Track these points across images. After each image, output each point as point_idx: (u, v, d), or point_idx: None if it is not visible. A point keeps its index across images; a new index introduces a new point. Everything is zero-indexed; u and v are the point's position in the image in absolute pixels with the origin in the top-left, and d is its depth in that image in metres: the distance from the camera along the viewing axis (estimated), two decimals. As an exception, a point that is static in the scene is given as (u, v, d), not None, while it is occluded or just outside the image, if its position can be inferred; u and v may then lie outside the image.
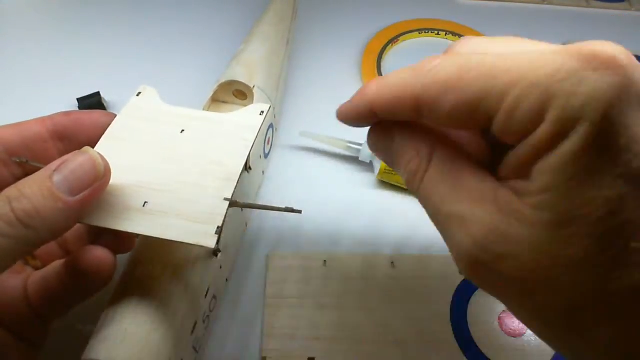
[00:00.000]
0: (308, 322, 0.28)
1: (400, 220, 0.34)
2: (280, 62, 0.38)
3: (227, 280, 0.28)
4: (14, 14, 0.49)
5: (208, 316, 0.25)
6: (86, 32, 0.47)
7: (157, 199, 0.21)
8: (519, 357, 0.28)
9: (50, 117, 0.24)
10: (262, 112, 0.26)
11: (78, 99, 0.39)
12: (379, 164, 0.34)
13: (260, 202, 0.33)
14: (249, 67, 0.34)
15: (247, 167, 0.29)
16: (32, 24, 0.48)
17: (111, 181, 0.21)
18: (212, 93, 0.33)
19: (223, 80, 0.33)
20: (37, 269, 0.24)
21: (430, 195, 0.18)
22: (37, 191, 0.18)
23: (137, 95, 0.27)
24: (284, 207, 0.23)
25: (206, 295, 0.25)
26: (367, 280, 0.30)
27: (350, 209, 0.35)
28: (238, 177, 0.22)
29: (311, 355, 0.27)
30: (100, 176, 0.20)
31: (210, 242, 0.20)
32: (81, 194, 0.19)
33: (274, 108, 0.34)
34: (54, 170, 0.19)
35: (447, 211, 0.17)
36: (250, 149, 0.24)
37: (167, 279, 0.23)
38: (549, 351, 0.28)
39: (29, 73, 0.43)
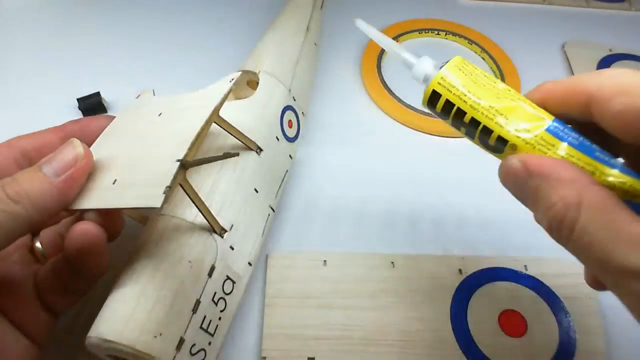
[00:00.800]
0: (308, 322, 0.28)
1: (401, 219, 0.34)
2: (298, 47, 0.37)
3: (250, 264, 0.28)
4: (14, 14, 0.48)
5: (223, 298, 0.25)
6: (86, 32, 0.47)
7: (125, 174, 0.22)
8: (519, 357, 0.28)
9: (62, 126, 0.27)
10: (232, 79, 0.26)
11: (78, 99, 0.39)
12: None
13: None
14: (258, 57, 0.35)
15: (257, 149, 0.29)
16: (32, 24, 0.48)
17: (95, 170, 0.23)
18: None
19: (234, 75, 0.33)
20: None
21: (589, 246, 0.17)
22: (26, 177, 0.21)
23: (137, 97, 0.29)
24: (221, 154, 0.25)
25: (210, 274, 0.24)
26: (367, 280, 0.30)
27: (352, 208, 0.35)
28: (192, 138, 0.22)
29: (311, 355, 0.27)
30: (80, 157, 0.22)
31: (157, 202, 0.20)
32: (64, 175, 0.21)
33: (289, 90, 0.34)
34: (43, 163, 0.22)
35: (619, 264, 0.16)
36: (209, 112, 0.24)
37: (159, 256, 0.23)
38: (549, 351, 0.28)
39: (29, 73, 0.43)
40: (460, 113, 0.22)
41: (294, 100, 0.35)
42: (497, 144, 0.21)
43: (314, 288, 0.30)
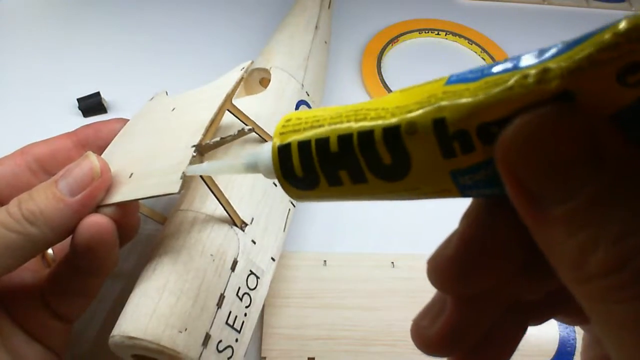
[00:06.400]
0: (308, 322, 0.28)
1: (401, 219, 0.34)
2: (308, 43, 0.38)
3: (273, 259, 0.27)
4: (14, 14, 0.48)
5: (248, 294, 0.25)
6: (86, 32, 0.47)
7: (141, 167, 0.22)
8: (518, 357, 0.28)
9: (75, 131, 0.27)
10: (243, 68, 0.26)
11: (78, 99, 0.39)
12: None
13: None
14: (268, 55, 0.35)
15: (271, 139, 0.29)
16: (32, 24, 0.48)
17: (113, 168, 0.23)
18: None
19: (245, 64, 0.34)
20: None
21: None
22: (42, 194, 0.21)
23: (150, 100, 0.29)
24: (235, 132, 0.23)
25: (233, 269, 0.24)
26: (367, 280, 0.30)
27: (352, 208, 0.35)
28: (207, 124, 0.22)
29: (311, 356, 0.27)
30: (96, 175, 0.21)
31: (174, 188, 0.20)
32: (80, 194, 0.21)
33: (302, 85, 0.34)
34: (60, 177, 0.21)
35: None
36: (222, 99, 0.24)
37: (179, 250, 0.23)
38: (549, 351, 0.28)
39: (29, 73, 0.43)
40: (323, 147, 0.14)
41: (308, 95, 0.35)
42: (389, 144, 0.13)
43: (314, 288, 0.30)
